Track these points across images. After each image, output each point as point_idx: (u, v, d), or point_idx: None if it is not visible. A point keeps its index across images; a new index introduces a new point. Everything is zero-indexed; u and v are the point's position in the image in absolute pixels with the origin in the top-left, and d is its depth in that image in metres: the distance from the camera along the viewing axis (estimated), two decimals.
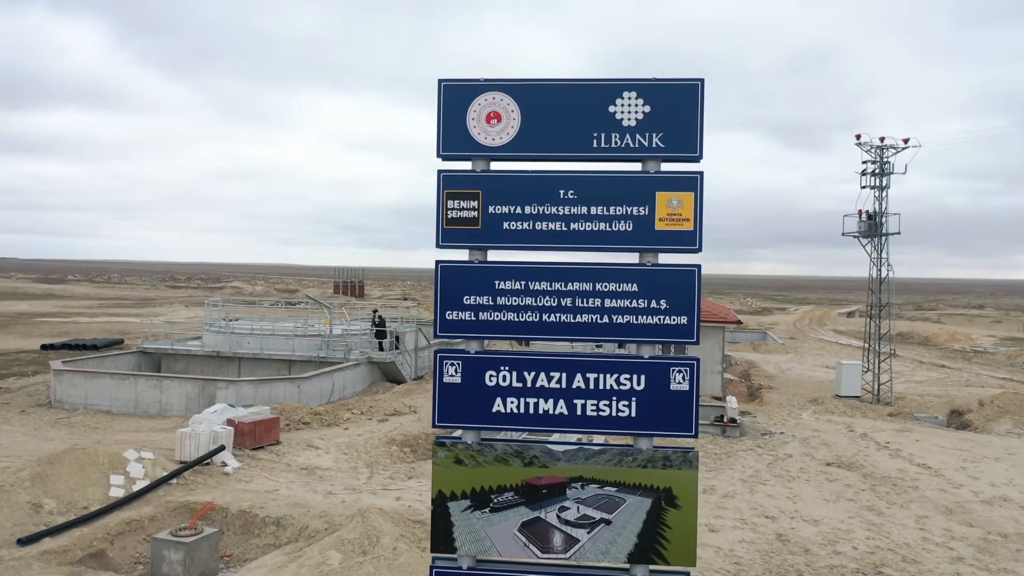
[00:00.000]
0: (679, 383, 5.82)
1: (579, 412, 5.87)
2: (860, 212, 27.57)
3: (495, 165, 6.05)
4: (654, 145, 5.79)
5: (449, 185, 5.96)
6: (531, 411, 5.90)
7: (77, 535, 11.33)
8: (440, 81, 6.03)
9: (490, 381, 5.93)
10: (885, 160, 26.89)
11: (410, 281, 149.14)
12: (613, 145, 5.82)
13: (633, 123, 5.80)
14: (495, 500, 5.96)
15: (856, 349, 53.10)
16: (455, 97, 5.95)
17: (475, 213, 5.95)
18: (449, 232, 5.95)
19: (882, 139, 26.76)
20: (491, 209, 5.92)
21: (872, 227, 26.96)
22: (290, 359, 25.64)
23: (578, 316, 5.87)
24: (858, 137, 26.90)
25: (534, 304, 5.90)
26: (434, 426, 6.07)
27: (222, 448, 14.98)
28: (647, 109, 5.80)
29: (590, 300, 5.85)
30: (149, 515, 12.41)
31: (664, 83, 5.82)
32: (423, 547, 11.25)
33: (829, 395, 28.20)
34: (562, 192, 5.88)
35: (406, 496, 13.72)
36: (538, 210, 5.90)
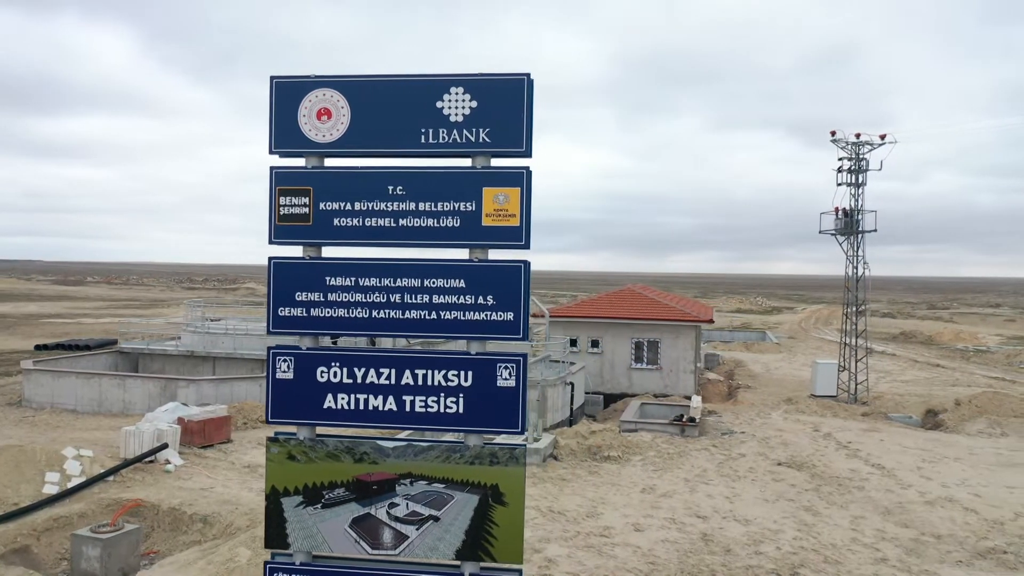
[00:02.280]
0: (506, 379, 5.79)
1: (408, 408, 5.86)
2: (836, 209, 27.30)
3: (329, 162, 6.06)
4: (481, 140, 5.77)
5: (281, 182, 5.97)
6: (361, 407, 5.90)
7: (1, 531, 11.45)
8: (272, 78, 6.02)
9: (321, 377, 5.93)
10: (861, 157, 26.61)
11: None
12: (441, 140, 5.80)
13: (460, 118, 5.78)
14: (327, 496, 5.96)
15: (850, 348, 52.65)
16: (287, 94, 5.95)
17: (306, 210, 5.95)
18: (282, 229, 5.96)
19: (858, 135, 26.49)
20: (322, 206, 5.93)
21: (849, 225, 26.69)
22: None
23: (407, 312, 5.86)
24: (833, 134, 26.62)
25: (364, 300, 5.90)
26: (267, 422, 6.08)
27: (164, 446, 15.08)
28: (474, 104, 5.78)
29: (419, 296, 5.84)
30: (79, 512, 12.52)
31: (490, 78, 5.80)
32: None
33: (806, 395, 27.96)
34: (391, 188, 5.87)
35: None
36: (368, 206, 5.90)
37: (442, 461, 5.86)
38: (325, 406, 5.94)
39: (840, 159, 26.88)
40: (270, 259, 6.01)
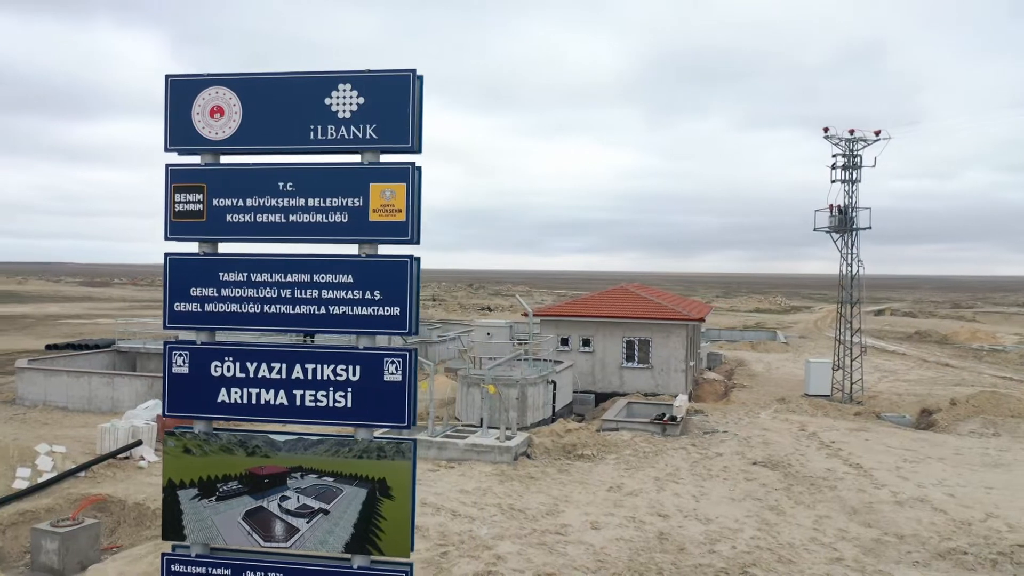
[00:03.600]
0: (392, 374, 5.82)
1: (298, 402, 5.92)
2: (831, 207, 26.96)
3: (225, 159, 6.14)
4: (368, 136, 5.81)
5: (176, 179, 6.05)
6: (254, 401, 5.97)
7: None
8: (167, 76, 6.10)
9: (215, 372, 6.00)
10: (855, 153, 26.25)
11: (459, 283, 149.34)
12: (329, 137, 5.86)
13: (348, 115, 5.83)
14: (221, 489, 6.04)
15: (869, 348, 51.93)
16: (181, 92, 6.04)
17: (200, 206, 6.03)
18: (177, 225, 6.04)
19: (851, 132, 26.14)
20: (215, 202, 6.00)
21: (843, 222, 26.34)
22: None
23: (297, 307, 5.92)
24: (826, 130, 26.30)
25: (256, 295, 5.96)
26: (164, 416, 6.17)
27: (138, 443, 15.30)
28: (361, 101, 5.83)
29: (308, 291, 5.89)
30: (47, 506, 12.76)
31: (377, 75, 5.84)
32: None
33: (800, 394, 27.65)
34: (281, 184, 5.94)
35: None
36: (259, 202, 5.96)
37: (331, 455, 5.91)
38: (219, 400, 6.01)
39: (834, 156, 26.56)
40: (166, 255, 6.09)
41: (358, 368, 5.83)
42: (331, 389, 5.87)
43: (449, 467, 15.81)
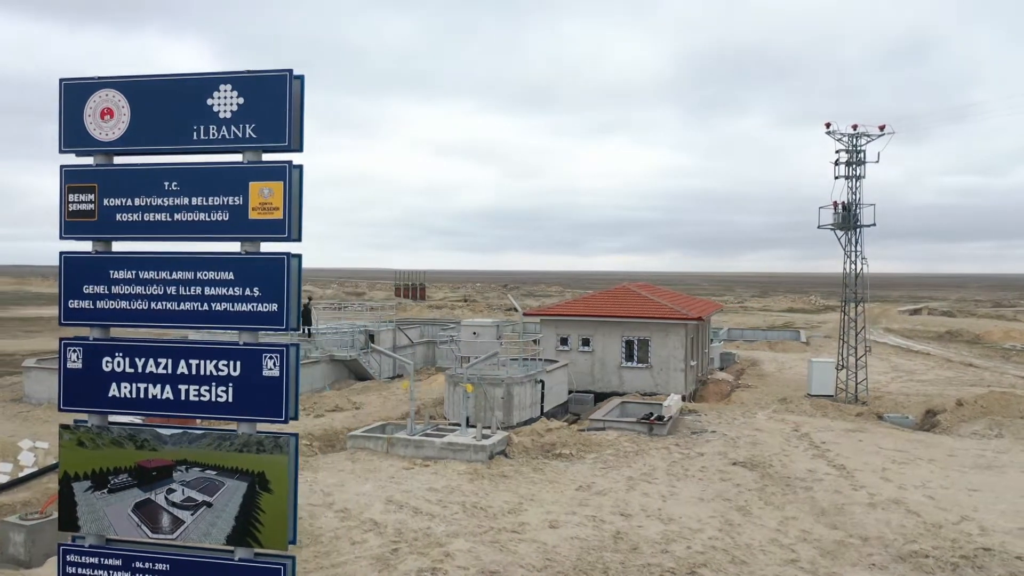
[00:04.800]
0: (271, 369, 5.91)
1: (184, 397, 6.04)
2: (835, 204, 26.41)
3: (119, 159, 6.30)
4: (248, 136, 5.92)
5: (70, 179, 6.23)
6: (142, 396, 6.11)
7: None
8: (61, 80, 6.28)
9: (107, 367, 6.16)
10: (859, 149, 25.68)
11: (494, 283, 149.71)
12: (211, 137, 5.97)
13: (229, 115, 5.94)
14: (112, 481, 6.19)
15: (888, 347, 50.80)
16: (74, 94, 6.21)
17: (92, 206, 6.19)
18: (70, 224, 6.21)
19: (855, 127, 25.59)
20: (106, 202, 6.16)
21: (846, 219, 25.78)
22: None
23: (182, 304, 6.05)
24: (828, 126, 25.77)
25: (144, 293, 6.11)
26: (59, 410, 6.35)
27: None
28: (241, 101, 5.93)
29: (192, 288, 6.01)
30: (23, 500, 13.16)
31: (256, 75, 5.94)
32: None
33: (803, 394, 27.15)
34: (167, 184, 6.07)
35: None
36: (147, 202, 6.11)
37: (214, 448, 6.02)
38: (110, 395, 6.17)
39: (837, 151, 26.03)
40: (61, 254, 6.27)
41: (238, 364, 5.93)
42: (213, 384, 5.98)
43: (424, 465, 15.90)
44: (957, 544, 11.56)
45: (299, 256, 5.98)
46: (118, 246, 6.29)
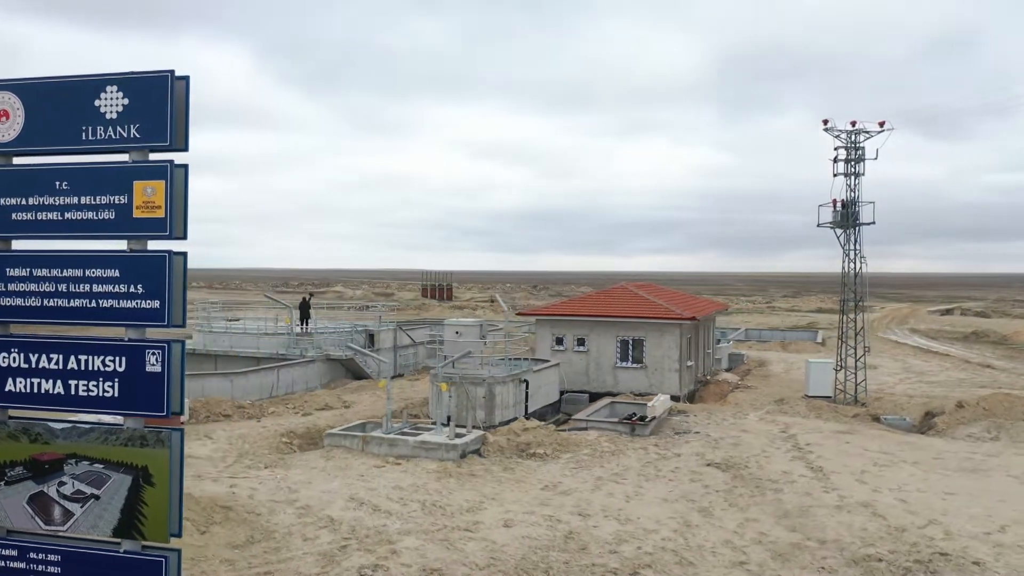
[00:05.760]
0: (153, 365, 6.01)
1: (74, 392, 6.17)
2: (835, 202, 25.93)
3: (17, 160, 6.47)
4: (132, 136, 6.03)
5: None
6: (36, 391, 6.24)
7: None
8: None
9: (3, 362, 6.32)
10: (858, 146, 25.17)
11: (524, 284, 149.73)
12: (99, 137, 6.10)
13: (115, 115, 6.06)
14: (8, 474, 6.35)
15: (908, 348, 49.74)
16: None
17: None
18: None
19: (853, 123, 25.11)
20: (3, 201, 6.32)
21: (845, 217, 25.29)
22: (256, 355, 26.91)
23: (72, 300, 6.18)
24: (825, 123, 25.31)
25: (37, 290, 6.25)
26: None
27: None
28: (126, 102, 6.05)
29: (82, 285, 6.15)
30: None
31: (140, 76, 6.05)
32: (204, 530, 11.76)
33: (800, 395, 26.70)
34: (58, 183, 6.21)
35: (243, 484, 14.28)
36: (40, 201, 6.25)
37: (101, 442, 6.14)
38: (6, 389, 6.33)
39: (836, 148, 25.58)
40: None
41: (123, 359, 6.04)
42: (101, 379, 6.10)
43: (396, 464, 15.99)
44: (916, 548, 11.31)
45: (183, 254, 6.07)
46: (16, 244, 6.47)
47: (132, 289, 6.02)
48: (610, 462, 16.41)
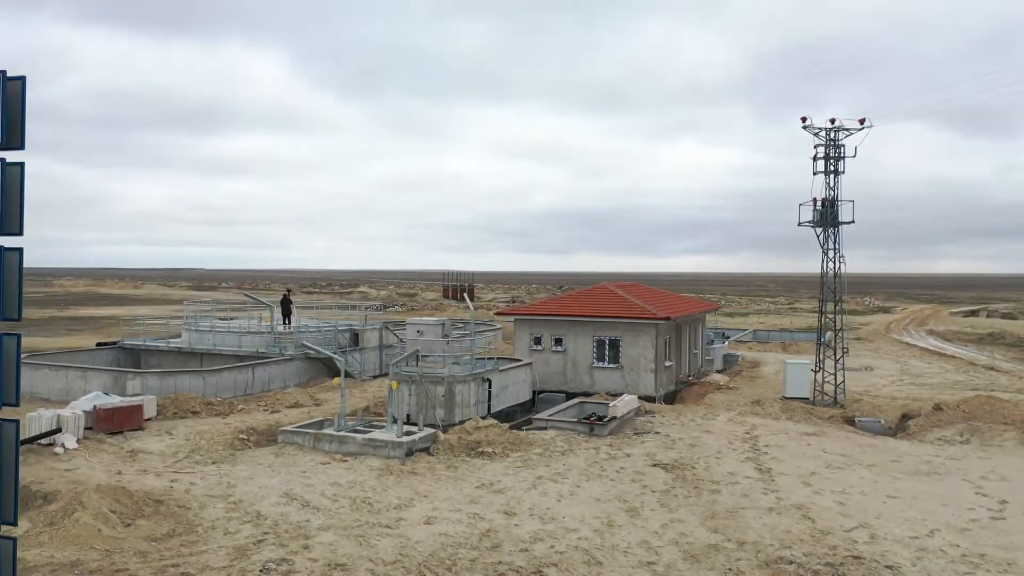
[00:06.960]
0: None
1: None
2: (815, 200, 25.58)
3: None
4: None
5: None
6: None
7: None
8: None
9: None
10: (838, 144, 24.81)
11: (552, 285, 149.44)
12: None
13: None
14: None
15: (916, 349, 48.83)
16: None
17: None
18: None
19: (832, 121, 24.73)
20: None
21: (824, 216, 24.92)
22: (239, 353, 27.26)
23: None
24: (804, 120, 24.98)
25: None
26: None
27: (57, 431, 16.40)
28: None
29: None
30: None
31: None
32: (129, 523, 11.99)
33: (779, 396, 26.35)
34: None
35: (184, 479, 14.51)
36: None
37: None
38: None
39: (816, 147, 25.24)
40: None
41: None
42: None
43: (342, 461, 16.12)
44: (834, 551, 11.15)
45: (18, 250, 6.23)
46: None
47: None
48: (558, 462, 16.37)
